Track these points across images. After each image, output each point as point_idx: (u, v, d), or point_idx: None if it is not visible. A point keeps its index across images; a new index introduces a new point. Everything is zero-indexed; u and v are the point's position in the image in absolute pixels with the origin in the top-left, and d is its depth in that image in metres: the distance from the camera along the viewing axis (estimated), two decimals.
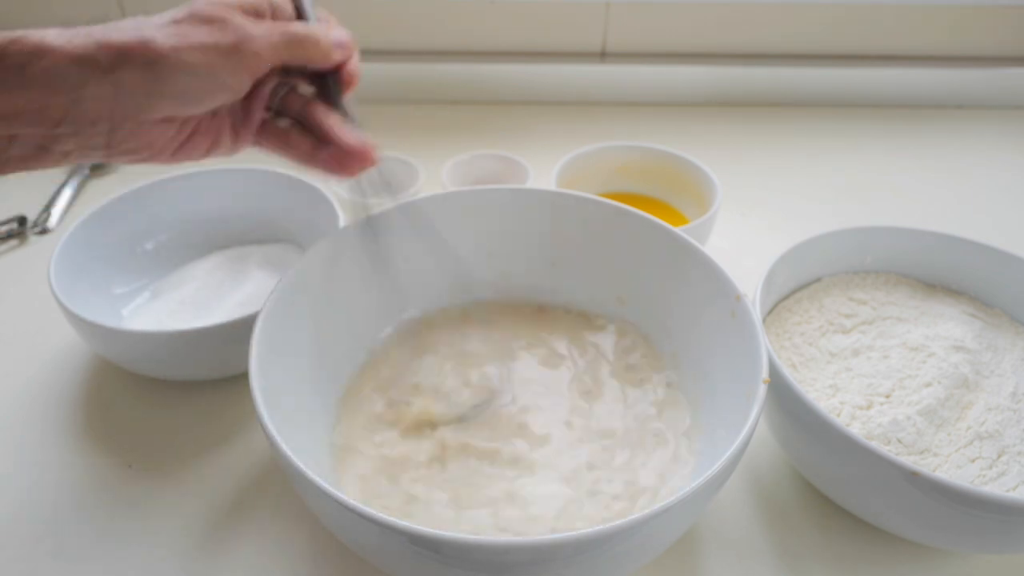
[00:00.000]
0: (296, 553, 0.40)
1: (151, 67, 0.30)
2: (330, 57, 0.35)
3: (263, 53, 0.33)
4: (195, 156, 0.36)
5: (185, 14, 0.32)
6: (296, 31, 0.34)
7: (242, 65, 0.32)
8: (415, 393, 0.44)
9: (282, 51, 0.33)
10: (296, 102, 0.37)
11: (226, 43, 0.31)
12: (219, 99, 0.33)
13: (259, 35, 0.32)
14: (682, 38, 0.88)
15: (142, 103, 0.31)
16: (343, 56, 0.36)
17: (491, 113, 0.84)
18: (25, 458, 0.45)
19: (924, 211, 0.71)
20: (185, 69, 0.30)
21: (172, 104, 0.32)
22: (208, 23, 0.32)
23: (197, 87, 0.32)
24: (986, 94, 0.88)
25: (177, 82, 0.31)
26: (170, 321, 0.51)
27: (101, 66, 0.29)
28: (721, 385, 0.40)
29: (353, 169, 0.37)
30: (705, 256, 0.42)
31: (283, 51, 0.34)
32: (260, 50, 0.32)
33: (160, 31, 0.30)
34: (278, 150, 0.38)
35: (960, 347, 0.44)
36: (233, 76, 0.32)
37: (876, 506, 0.38)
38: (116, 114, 0.30)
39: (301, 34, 0.34)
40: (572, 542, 0.28)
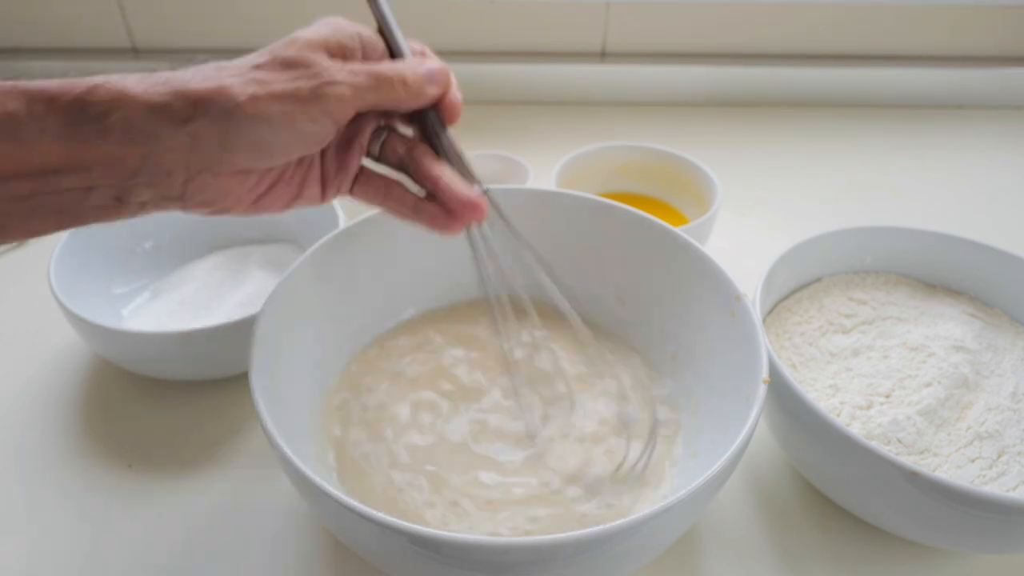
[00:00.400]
0: (296, 553, 0.40)
1: (226, 118, 0.28)
2: (422, 95, 0.33)
3: (347, 99, 0.30)
4: (277, 207, 0.35)
5: (267, 58, 0.30)
6: (382, 72, 0.32)
7: (323, 113, 0.30)
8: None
9: (368, 95, 0.31)
10: (398, 147, 0.35)
11: (306, 90, 0.29)
12: (298, 151, 0.31)
13: (342, 80, 0.30)
14: (682, 38, 0.88)
15: (217, 155, 0.29)
16: (437, 91, 0.34)
17: (491, 113, 0.84)
18: (25, 458, 0.45)
19: (924, 211, 0.71)
20: (261, 120, 0.29)
21: (247, 156, 0.30)
22: (289, 68, 0.30)
23: (274, 139, 0.30)
24: (986, 94, 0.88)
25: (253, 133, 0.29)
26: (170, 321, 0.51)
27: (177, 117, 0.28)
28: (721, 385, 0.40)
29: (458, 226, 0.35)
30: (705, 256, 0.42)
31: (369, 95, 0.31)
32: (343, 96, 0.30)
33: (238, 79, 0.29)
34: (377, 203, 0.36)
35: (960, 347, 0.44)
36: (313, 126, 0.30)
37: (876, 506, 0.38)
38: (191, 165, 0.29)
39: (388, 75, 0.32)
40: (572, 542, 0.28)
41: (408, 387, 0.45)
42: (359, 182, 0.36)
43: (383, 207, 0.36)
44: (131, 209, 0.30)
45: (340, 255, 0.44)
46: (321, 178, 0.35)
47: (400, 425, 0.42)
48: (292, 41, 0.31)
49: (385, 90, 0.32)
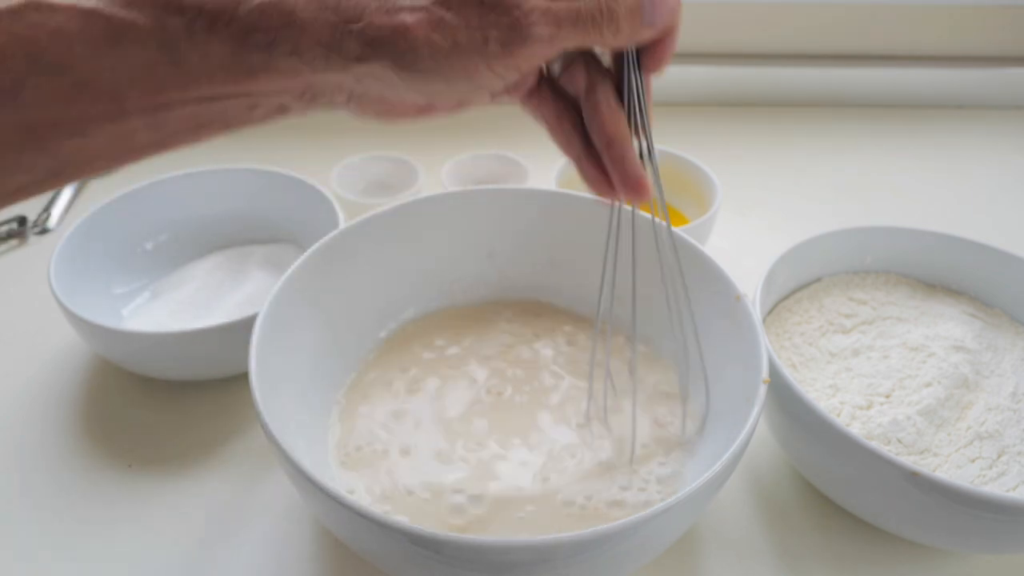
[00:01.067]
0: (296, 553, 0.40)
1: (401, 66, 0.25)
2: (634, 38, 0.28)
3: (540, 51, 0.26)
4: (442, 113, 0.31)
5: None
6: (591, 14, 0.26)
7: (510, 67, 0.26)
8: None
9: (566, 39, 0.26)
10: (580, 76, 0.30)
11: (496, 43, 0.25)
12: (473, 101, 0.29)
13: (541, 29, 0.25)
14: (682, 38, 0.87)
15: (385, 91, 0.27)
16: (655, 33, 0.28)
17: (491, 113, 0.84)
18: (25, 458, 0.45)
19: (924, 211, 0.71)
20: (440, 74, 0.26)
21: (417, 96, 0.27)
22: (483, 6, 0.25)
23: (448, 90, 0.27)
24: (986, 94, 0.88)
25: (426, 84, 0.26)
26: (170, 321, 0.51)
27: (348, 54, 0.25)
28: (721, 385, 0.40)
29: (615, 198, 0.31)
30: (705, 256, 0.42)
31: (568, 39, 0.26)
32: (537, 50, 0.26)
33: (420, 16, 0.25)
34: (545, 124, 0.32)
35: (960, 347, 0.44)
36: (495, 81, 0.27)
37: (876, 506, 0.38)
38: (357, 90, 0.27)
39: (597, 19, 0.26)
40: (572, 542, 0.28)
41: (409, 386, 0.45)
42: (535, 96, 0.32)
43: (551, 133, 0.32)
44: (295, 115, 0.28)
45: (340, 255, 0.44)
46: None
47: (401, 425, 0.42)
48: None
49: (592, 35, 0.27)
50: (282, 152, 0.66)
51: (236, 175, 0.58)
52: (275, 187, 0.58)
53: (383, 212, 0.45)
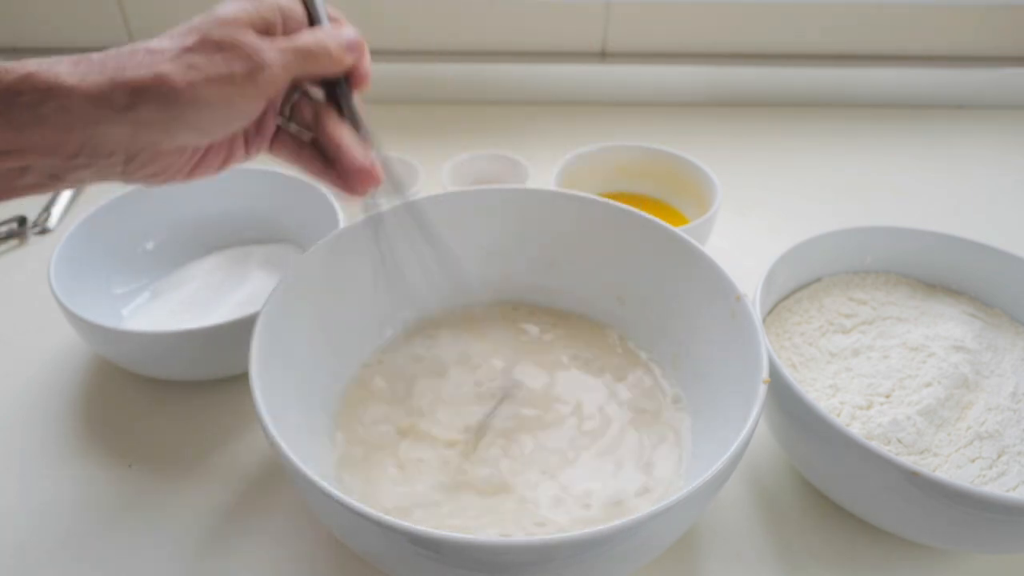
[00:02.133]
0: (296, 553, 0.40)
1: (167, 105, 0.29)
2: (342, 63, 0.35)
3: (279, 77, 0.32)
4: (210, 172, 0.36)
5: (196, 40, 0.31)
6: (307, 45, 0.33)
7: (258, 93, 0.32)
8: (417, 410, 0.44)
9: (294, 69, 0.33)
10: (307, 111, 0.37)
11: (241, 73, 0.31)
12: (235, 126, 0.33)
13: (272, 59, 0.32)
14: (682, 38, 0.88)
15: (159, 137, 0.30)
16: (354, 59, 0.35)
17: (491, 113, 0.84)
18: (25, 458, 0.45)
19: (924, 211, 0.71)
20: (201, 103, 0.30)
21: (189, 136, 0.31)
22: (221, 50, 0.31)
23: (213, 119, 0.31)
24: (986, 94, 0.88)
25: (193, 117, 0.30)
26: (170, 321, 0.51)
27: (117, 105, 0.29)
28: (721, 385, 0.40)
29: (358, 189, 0.36)
30: (705, 256, 0.42)
31: (296, 68, 0.33)
32: (275, 75, 0.32)
33: (173, 64, 0.30)
34: (291, 162, 0.38)
35: (960, 347, 0.44)
36: (249, 104, 0.32)
37: (876, 506, 0.38)
38: (132, 147, 0.30)
39: (312, 48, 0.33)
40: (572, 542, 0.28)
41: (409, 386, 0.45)
42: (275, 142, 0.37)
43: (296, 166, 0.38)
44: (68, 184, 0.31)
45: (340, 255, 0.44)
46: (245, 140, 0.36)
47: (402, 425, 0.42)
48: (217, 20, 0.31)
49: (311, 63, 0.33)
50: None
51: (236, 175, 0.58)
52: (275, 187, 0.58)
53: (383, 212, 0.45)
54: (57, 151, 0.29)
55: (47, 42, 0.87)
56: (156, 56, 0.30)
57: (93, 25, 0.86)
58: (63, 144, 0.29)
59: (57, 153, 0.29)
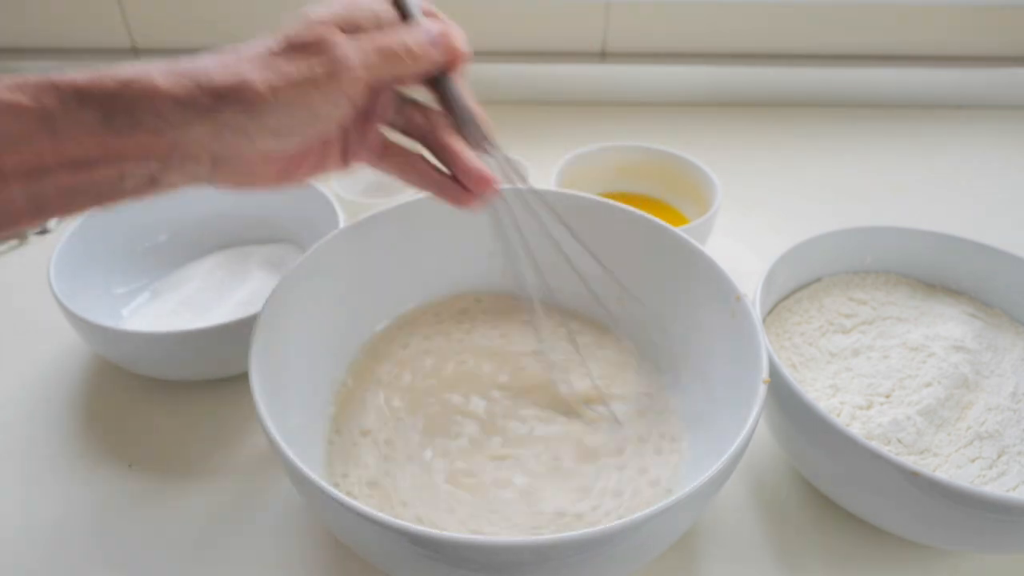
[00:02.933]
0: (296, 553, 0.40)
1: (249, 108, 0.30)
2: (428, 60, 0.34)
3: (360, 78, 0.32)
4: (301, 178, 0.36)
5: (281, 44, 0.31)
6: (388, 44, 0.32)
7: (340, 94, 0.31)
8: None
9: (379, 70, 0.32)
10: (418, 118, 0.36)
11: (322, 74, 0.31)
12: (319, 131, 0.33)
13: (354, 59, 0.31)
14: (682, 38, 0.88)
15: (241, 141, 0.31)
16: (442, 55, 0.34)
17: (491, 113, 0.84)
18: (25, 458, 0.45)
19: (924, 211, 0.71)
20: (281, 107, 0.30)
21: (270, 141, 0.31)
22: (304, 51, 0.31)
23: (295, 123, 0.31)
24: (986, 94, 0.88)
25: (273, 120, 0.30)
26: (170, 321, 0.51)
27: (202, 108, 0.29)
28: (721, 385, 0.40)
29: (474, 202, 0.36)
30: (705, 256, 0.42)
31: (380, 70, 0.32)
32: (357, 75, 0.31)
33: (257, 69, 0.30)
34: (399, 174, 0.37)
35: (960, 347, 0.44)
36: (331, 108, 0.32)
37: (876, 506, 0.38)
38: (217, 151, 0.31)
39: (394, 47, 0.33)
40: (572, 542, 0.28)
41: (409, 385, 0.45)
42: (384, 154, 0.37)
43: (404, 179, 0.37)
44: (164, 188, 0.31)
45: (340, 255, 0.44)
46: (342, 150, 0.36)
47: (402, 425, 0.42)
48: (305, 21, 0.31)
49: (394, 63, 0.33)
50: None
51: None
52: None
53: (383, 212, 0.45)
54: (151, 155, 0.29)
55: (48, 42, 0.87)
56: (241, 62, 0.30)
57: (93, 25, 0.86)
58: (155, 148, 0.29)
59: (151, 157, 0.29)
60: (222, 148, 0.30)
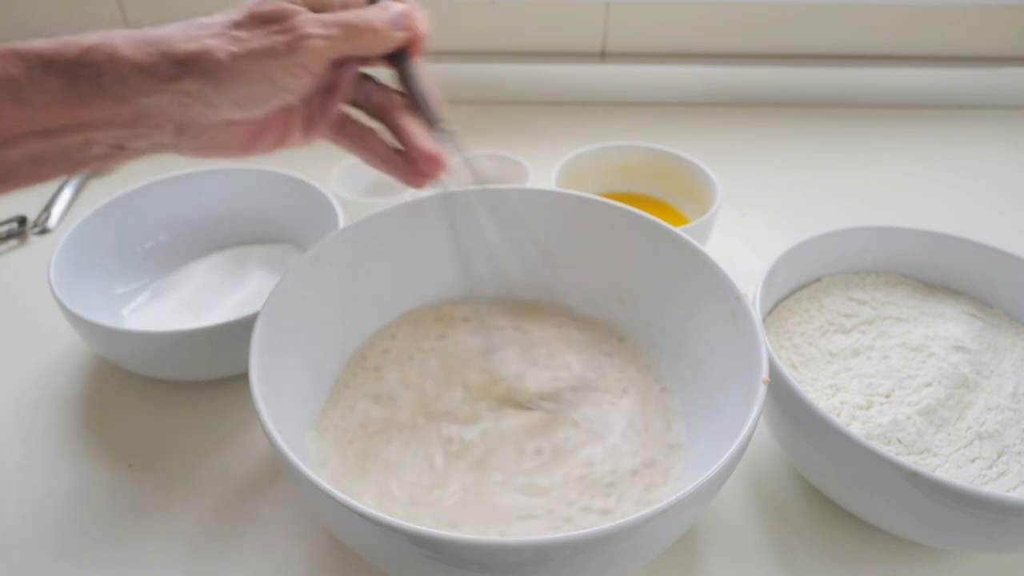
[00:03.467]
0: (296, 553, 0.40)
1: (210, 76, 0.30)
2: (389, 39, 0.34)
3: (320, 51, 0.32)
4: (264, 149, 0.36)
5: (245, 14, 0.32)
6: (352, 21, 0.33)
7: (298, 66, 0.32)
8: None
9: (340, 45, 0.33)
10: (377, 95, 0.37)
11: (282, 45, 0.31)
12: (279, 101, 0.33)
13: (315, 33, 0.32)
14: (682, 38, 0.88)
15: (203, 110, 0.31)
16: (403, 36, 0.35)
17: (491, 113, 0.84)
18: (25, 458, 0.45)
19: (924, 211, 0.71)
20: (241, 76, 0.31)
21: (232, 109, 0.32)
22: (266, 23, 0.31)
23: (255, 93, 0.32)
24: (986, 94, 0.88)
25: (234, 89, 0.31)
26: (170, 321, 0.51)
27: (164, 76, 0.30)
28: (721, 385, 0.40)
29: (422, 180, 0.37)
30: (705, 256, 0.42)
31: (341, 45, 0.33)
32: (317, 48, 0.32)
33: (219, 38, 0.31)
34: (354, 149, 0.38)
35: (960, 347, 0.44)
36: (291, 79, 0.32)
37: (876, 506, 0.38)
38: (180, 119, 0.31)
39: (357, 24, 0.33)
40: (572, 542, 0.28)
41: (409, 385, 0.45)
42: (341, 129, 0.38)
43: (359, 155, 0.38)
44: (129, 155, 0.32)
45: (340, 255, 0.44)
46: (303, 122, 0.37)
47: (402, 424, 0.42)
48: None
49: (355, 39, 0.33)
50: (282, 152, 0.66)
51: (236, 175, 0.58)
52: (275, 187, 0.58)
53: (383, 212, 0.45)
54: (115, 122, 0.30)
55: None
56: (203, 30, 0.31)
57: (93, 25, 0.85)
58: (120, 115, 0.30)
59: (116, 124, 0.30)
60: (185, 116, 0.31)
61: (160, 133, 0.31)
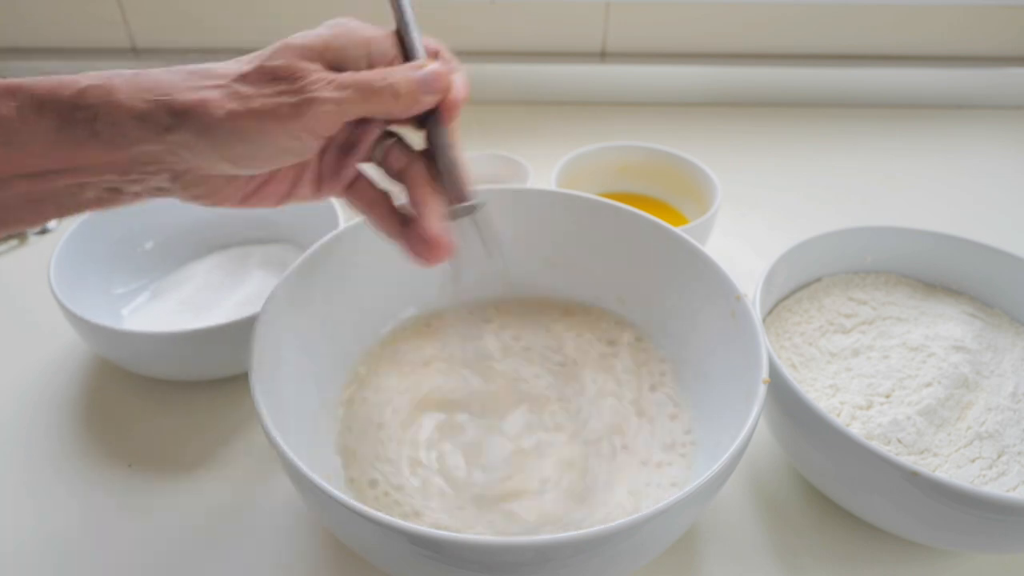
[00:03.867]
0: (296, 552, 0.40)
1: (204, 132, 0.28)
2: (417, 104, 0.32)
3: (330, 115, 0.30)
4: (268, 204, 0.34)
5: (254, 66, 0.29)
6: (371, 83, 0.30)
7: (303, 130, 0.29)
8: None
9: (355, 108, 0.30)
10: (400, 159, 0.34)
11: (286, 108, 0.29)
12: (280, 163, 0.31)
13: (326, 96, 0.29)
14: (682, 38, 0.88)
15: (199, 162, 0.29)
16: (433, 100, 0.32)
17: (491, 113, 0.84)
18: (25, 458, 0.45)
19: (924, 211, 0.71)
20: (239, 135, 0.29)
21: (228, 166, 0.30)
22: (274, 80, 0.29)
23: (253, 153, 0.30)
24: (986, 94, 0.88)
25: (230, 148, 0.29)
26: (170, 321, 0.51)
27: (159, 126, 0.28)
28: (721, 385, 0.40)
29: (429, 260, 0.33)
30: (705, 256, 0.42)
31: (356, 108, 0.30)
32: (326, 112, 0.29)
33: (221, 90, 0.29)
34: (365, 213, 0.36)
35: (960, 347, 0.44)
36: (295, 142, 0.30)
37: (876, 506, 0.38)
38: (176, 167, 0.29)
39: (377, 86, 0.30)
40: (572, 542, 0.28)
41: (410, 385, 0.45)
42: (353, 188, 0.35)
43: (369, 218, 0.36)
44: (126, 199, 0.31)
45: (340, 255, 0.44)
46: (316, 178, 0.35)
47: (403, 424, 0.42)
48: (284, 48, 0.30)
49: (374, 102, 0.30)
50: None
51: None
52: None
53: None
54: (109, 167, 0.29)
55: (47, 42, 0.87)
56: (207, 80, 0.29)
57: (93, 25, 0.86)
58: (115, 161, 0.28)
59: (110, 169, 0.29)
60: (181, 166, 0.29)
61: (156, 179, 0.30)
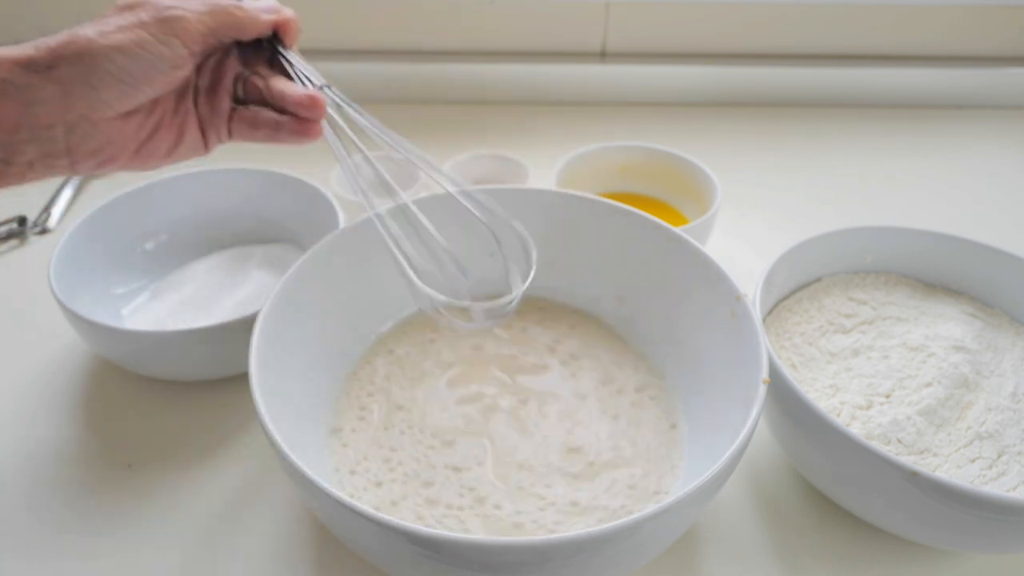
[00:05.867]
0: (296, 553, 0.40)
1: (84, 57, 0.32)
2: (259, 21, 0.37)
3: (189, 21, 0.34)
4: (160, 155, 0.37)
5: (112, 10, 0.34)
6: (220, 3, 0.35)
7: (170, 34, 0.33)
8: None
9: (208, 20, 0.35)
10: (258, 83, 0.39)
11: (150, 20, 0.33)
12: (160, 76, 0.34)
13: (181, 11, 0.34)
14: (682, 38, 0.88)
15: (86, 94, 0.32)
16: (273, 17, 0.38)
17: (491, 113, 0.84)
18: (25, 458, 0.45)
19: (924, 211, 0.71)
20: (115, 50, 0.32)
21: (114, 90, 0.33)
22: (131, 9, 0.34)
23: (133, 66, 0.33)
24: (986, 94, 0.88)
25: (111, 64, 0.32)
26: (170, 321, 0.51)
27: (42, 65, 0.31)
28: (721, 385, 0.40)
29: (309, 124, 0.38)
30: (705, 256, 0.42)
31: (209, 19, 0.35)
32: (184, 18, 0.34)
33: (88, 27, 0.33)
34: (249, 134, 0.40)
35: (960, 347, 0.44)
36: (165, 48, 0.34)
37: (876, 506, 0.38)
38: (68, 113, 0.32)
39: (225, 5, 0.36)
40: (572, 542, 0.28)
41: (410, 385, 0.45)
42: (233, 122, 0.40)
43: (254, 136, 0.40)
44: (18, 170, 0.33)
45: (340, 255, 0.44)
46: (199, 124, 0.39)
47: (403, 423, 0.42)
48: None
49: (225, 16, 0.36)
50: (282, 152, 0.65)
51: (236, 175, 0.58)
52: (275, 187, 0.58)
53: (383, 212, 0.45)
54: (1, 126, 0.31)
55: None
56: (78, 26, 0.33)
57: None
58: (4, 116, 0.30)
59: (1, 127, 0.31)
60: (71, 108, 0.32)
61: (48, 135, 0.32)
